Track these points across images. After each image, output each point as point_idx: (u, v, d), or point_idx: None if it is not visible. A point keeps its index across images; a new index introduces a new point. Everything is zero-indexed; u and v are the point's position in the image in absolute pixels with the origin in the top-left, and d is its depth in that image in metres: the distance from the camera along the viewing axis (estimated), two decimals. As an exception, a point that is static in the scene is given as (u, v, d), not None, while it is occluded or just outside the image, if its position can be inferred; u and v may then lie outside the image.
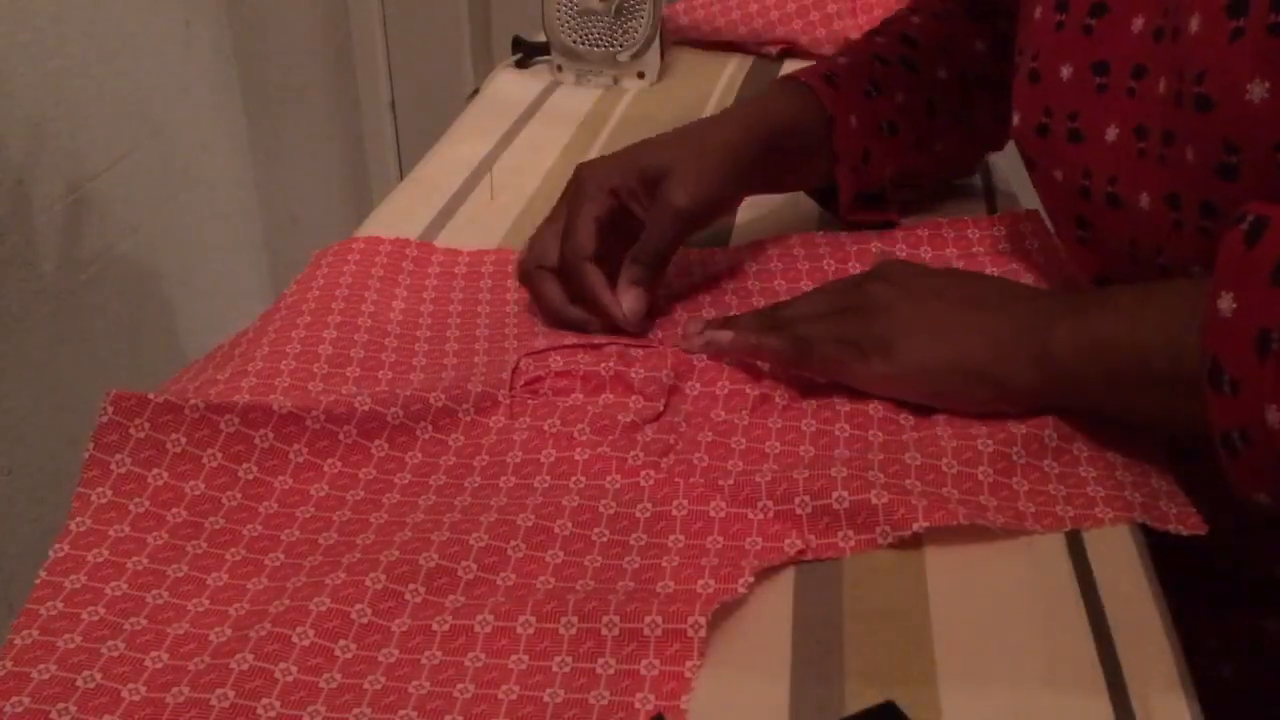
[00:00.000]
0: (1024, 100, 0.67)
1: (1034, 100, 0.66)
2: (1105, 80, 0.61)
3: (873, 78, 0.78)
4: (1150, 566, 0.51)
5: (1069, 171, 0.64)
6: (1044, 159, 0.66)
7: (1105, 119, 0.61)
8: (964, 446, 0.57)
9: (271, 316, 0.68)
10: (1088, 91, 0.62)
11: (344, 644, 0.48)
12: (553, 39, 1.12)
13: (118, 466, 0.54)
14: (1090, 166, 0.62)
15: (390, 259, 0.76)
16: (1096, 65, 0.61)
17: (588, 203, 0.68)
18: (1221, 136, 0.52)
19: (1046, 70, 0.65)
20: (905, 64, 0.80)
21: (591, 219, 0.67)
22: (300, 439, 0.57)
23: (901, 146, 0.79)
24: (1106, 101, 0.61)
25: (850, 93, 0.76)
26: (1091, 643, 0.47)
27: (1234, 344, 0.48)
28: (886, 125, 0.78)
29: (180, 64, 1.59)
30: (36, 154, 1.30)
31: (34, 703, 0.45)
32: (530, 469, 0.58)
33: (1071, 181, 0.63)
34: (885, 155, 0.78)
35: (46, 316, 1.33)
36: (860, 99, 0.76)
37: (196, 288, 1.64)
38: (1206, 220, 0.54)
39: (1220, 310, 0.49)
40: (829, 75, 0.76)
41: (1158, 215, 0.57)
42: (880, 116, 0.77)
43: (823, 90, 0.75)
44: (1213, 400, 0.49)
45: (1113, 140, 0.60)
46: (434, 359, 0.66)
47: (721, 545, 0.52)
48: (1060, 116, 0.64)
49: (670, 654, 0.46)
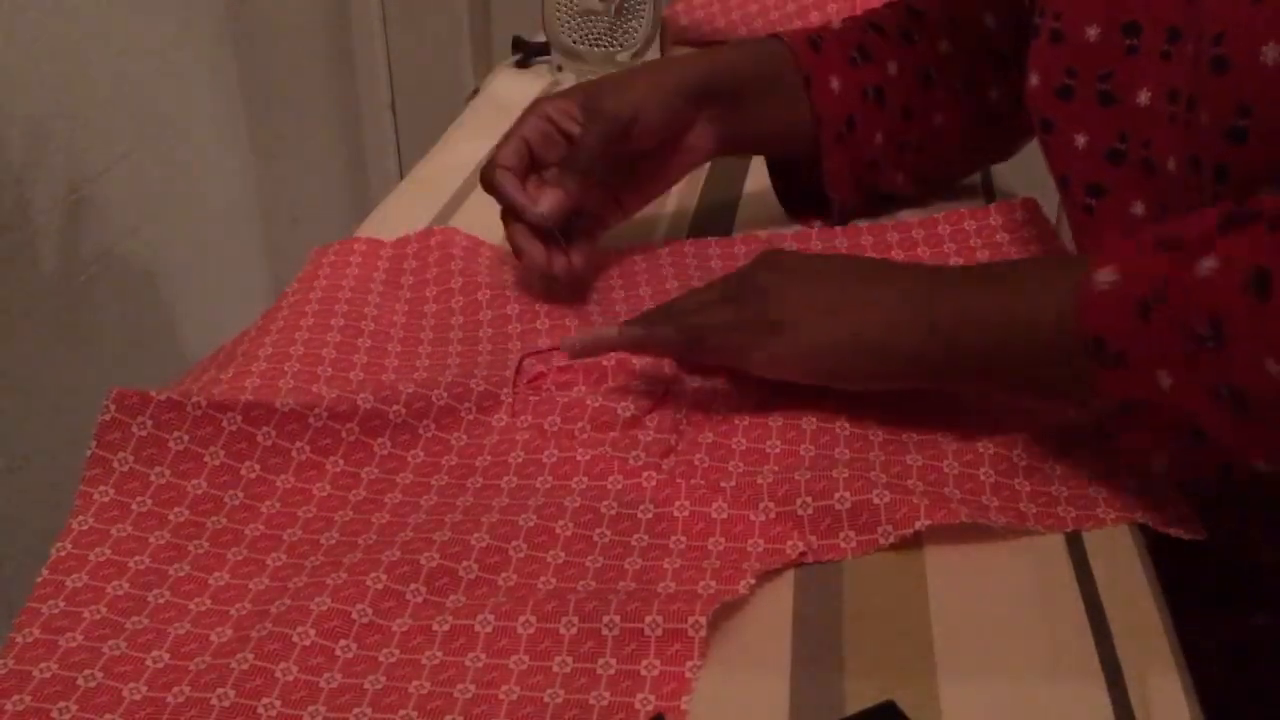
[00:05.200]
0: (1044, 61, 0.66)
1: (1055, 61, 0.65)
2: (1136, 42, 0.60)
3: (861, 45, 0.78)
4: (1150, 566, 0.51)
5: (1097, 135, 0.63)
6: (1065, 122, 0.65)
7: (1138, 81, 0.60)
8: (965, 448, 0.57)
9: (274, 316, 0.68)
10: (1117, 52, 0.61)
11: (345, 644, 0.48)
12: (553, 39, 1.12)
13: (120, 465, 0.54)
14: (1127, 130, 0.61)
15: (392, 261, 0.76)
16: (1127, 26, 0.60)
17: (522, 125, 0.72)
18: (1235, 99, 0.51)
19: (1070, 30, 0.63)
20: (902, 34, 0.80)
21: (519, 137, 0.71)
22: (303, 436, 0.57)
23: (890, 116, 0.78)
24: (1138, 64, 0.60)
25: (833, 56, 0.77)
26: (1091, 642, 0.47)
27: (1114, 316, 0.49)
28: (872, 91, 0.78)
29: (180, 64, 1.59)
30: (36, 154, 1.30)
31: (35, 701, 0.45)
32: (532, 469, 0.58)
33: (1097, 146, 0.63)
34: (872, 122, 0.78)
35: (46, 316, 1.33)
36: (844, 64, 0.77)
37: (196, 288, 1.64)
38: (1220, 185, 0.53)
39: (1097, 283, 0.50)
40: (813, 39, 0.77)
41: (1183, 179, 0.57)
42: (865, 83, 0.77)
43: (802, 50, 0.76)
44: (1101, 375, 0.50)
45: (1145, 104, 0.59)
46: (437, 359, 0.66)
47: (723, 547, 0.53)
48: (1088, 78, 0.63)
49: (671, 654, 0.46)
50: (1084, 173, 0.64)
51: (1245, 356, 0.46)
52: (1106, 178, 0.63)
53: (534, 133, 0.71)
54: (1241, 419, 0.47)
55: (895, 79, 0.78)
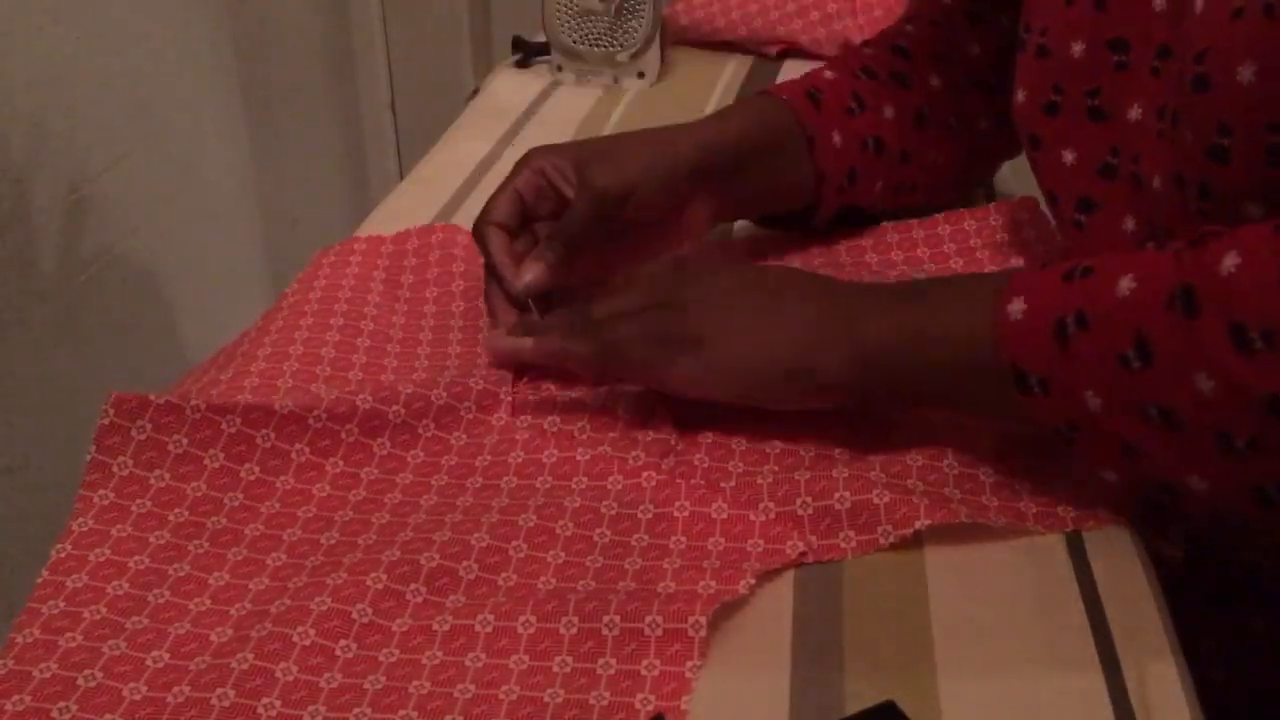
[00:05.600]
0: (1030, 76, 0.66)
1: (1042, 76, 0.64)
2: (1125, 58, 0.60)
3: (856, 93, 0.77)
4: (1150, 566, 0.52)
5: (1086, 150, 0.62)
6: (1052, 138, 0.65)
7: (1129, 97, 0.60)
8: (965, 448, 0.57)
9: (273, 316, 0.68)
10: (1105, 68, 0.61)
11: (345, 644, 0.48)
12: (553, 39, 1.12)
13: (120, 469, 0.54)
14: (1119, 144, 0.61)
15: (393, 260, 0.76)
16: (1114, 43, 0.60)
17: (515, 177, 0.69)
18: (1215, 118, 0.51)
19: (1056, 46, 0.63)
20: (895, 78, 0.79)
21: (512, 190, 0.68)
22: (302, 438, 0.57)
23: (889, 162, 0.78)
24: (1127, 80, 0.60)
25: (833, 110, 0.75)
26: (1091, 642, 0.47)
27: (1031, 344, 0.50)
28: (872, 142, 0.77)
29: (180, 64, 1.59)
30: (36, 154, 1.30)
31: (35, 701, 0.45)
32: (532, 469, 0.58)
33: (1087, 161, 0.62)
34: (872, 173, 0.77)
35: (46, 316, 1.33)
36: (843, 116, 0.76)
37: (196, 288, 1.64)
38: (1204, 202, 0.53)
39: (1010, 314, 0.50)
40: (812, 92, 0.75)
41: (1168, 196, 0.57)
42: (864, 133, 0.76)
43: (804, 108, 0.74)
44: (1028, 404, 0.50)
45: (1136, 119, 0.59)
46: (436, 359, 0.66)
47: (723, 547, 0.53)
48: (1075, 94, 0.62)
49: (671, 654, 0.47)
50: (1073, 188, 0.64)
51: (1173, 373, 0.46)
52: (1097, 192, 0.62)
53: (527, 187, 0.69)
54: (1173, 437, 0.47)
55: (892, 124, 0.77)
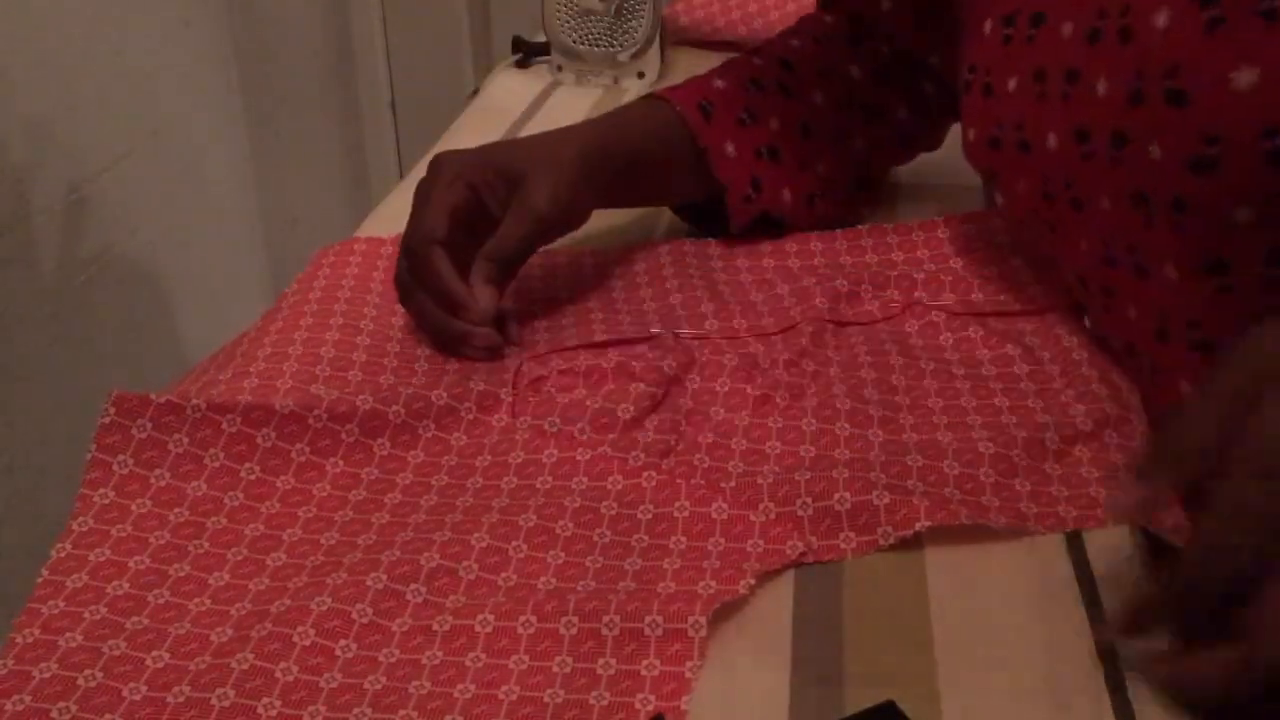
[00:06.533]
0: (976, 116, 0.67)
1: (986, 114, 0.66)
2: (1043, 88, 0.61)
3: (747, 105, 0.77)
4: (1150, 566, 0.51)
5: (1029, 180, 0.64)
6: (1003, 171, 0.66)
7: (1046, 126, 0.61)
8: (965, 448, 0.57)
9: (273, 316, 0.68)
10: (1029, 100, 0.62)
11: (345, 644, 0.48)
12: (553, 39, 1.12)
13: (120, 467, 0.54)
14: (1045, 173, 0.62)
15: (392, 261, 0.76)
16: (1037, 73, 0.61)
17: (444, 190, 0.66)
18: (1197, 130, 0.51)
19: (997, 84, 0.65)
20: (781, 88, 0.80)
21: (445, 205, 0.66)
22: (302, 438, 0.58)
23: (789, 170, 0.78)
24: (1045, 109, 0.61)
25: (724, 121, 0.76)
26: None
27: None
28: (766, 150, 0.77)
29: (180, 64, 1.59)
30: (36, 154, 1.30)
31: (35, 701, 0.45)
32: (532, 469, 0.58)
33: (1034, 188, 0.63)
34: (775, 180, 0.78)
35: (46, 316, 1.33)
36: (735, 127, 0.76)
37: (196, 288, 1.64)
38: (1180, 215, 0.54)
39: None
40: (704, 104, 0.76)
41: (1123, 216, 0.57)
42: (757, 143, 0.77)
43: (695, 120, 0.75)
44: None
45: (1054, 147, 0.60)
46: (436, 362, 0.66)
47: (723, 547, 0.53)
48: (1009, 128, 0.64)
49: (671, 654, 0.47)
50: (1033, 216, 0.65)
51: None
52: (1052, 217, 0.63)
53: (462, 203, 0.66)
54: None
55: (779, 134, 0.78)
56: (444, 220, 0.65)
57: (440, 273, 0.65)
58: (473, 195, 0.67)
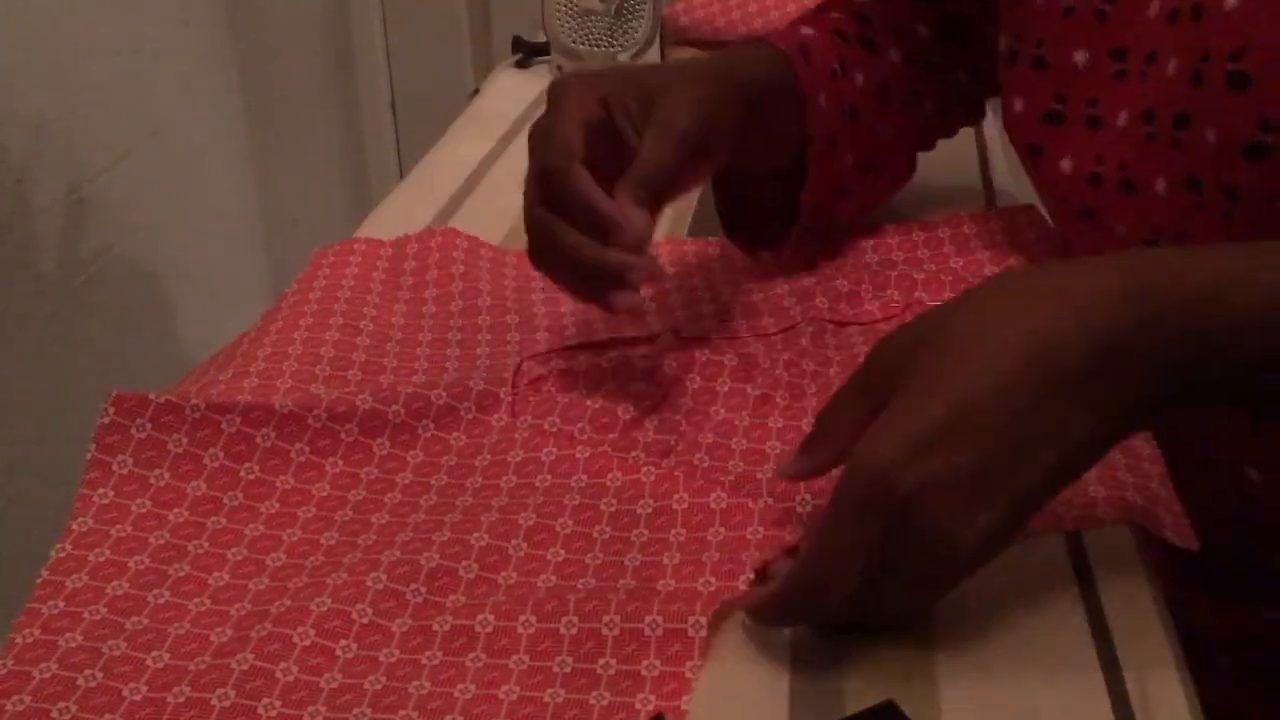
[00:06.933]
0: (1026, 87, 0.65)
1: (1040, 86, 0.64)
2: (1124, 66, 0.60)
3: (839, 55, 0.73)
4: (1150, 566, 0.51)
5: (1080, 159, 0.62)
6: (1053, 147, 0.64)
7: (1119, 104, 0.60)
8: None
9: (273, 316, 0.68)
10: (1104, 78, 0.61)
11: (345, 644, 0.48)
12: (553, 39, 1.12)
13: (119, 468, 0.54)
14: (1102, 153, 0.61)
15: (392, 262, 0.76)
16: (1115, 51, 0.60)
17: (574, 107, 0.58)
18: (1257, 113, 0.51)
19: (1056, 56, 0.63)
20: (863, 42, 0.75)
21: (578, 120, 0.58)
22: (302, 438, 0.57)
23: (860, 134, 0.74)
24: (1122, 87, 0.60)
25: (820, 69, 0.71)
26: (1091, 642, 0.47)
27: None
28: (850, 109, 0.73)
29: (180, 64, 1.59)
30: (36, 154, 1.30)
31: (35, 701, 0.45)
32: (531, 468, 0.58)
33: (1081, 170, 0.62)
34: (846, 143, 0.73)
35: (46, 316, 1.33)
36: (828, 77, 0.71)
37: (196, 288, 1.64)
38: (1230, 204, 0.53)
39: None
40: (803, 46, 0.71)
41: (1176, 199, 0.56)
42: (845, 99, 0.72)
43: (799, 64, 0.70)
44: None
45: (1123, 125, 0.59)
46: (435, 362, 0.66)
47: (723, 537, 0.53)
48: (1078, 103, 0.62)
49: (671, 654, 0.46)
50: (1073, 198, 0.64)
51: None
52: (1090, 199, 0.62)
53: (595, 119, 0.58)
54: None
55: (862, 91, 0.74)
56: (580, 134, 0.57)
57: (586, 191, 0.56)
58: (605, 113, 0.59)
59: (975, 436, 0.42)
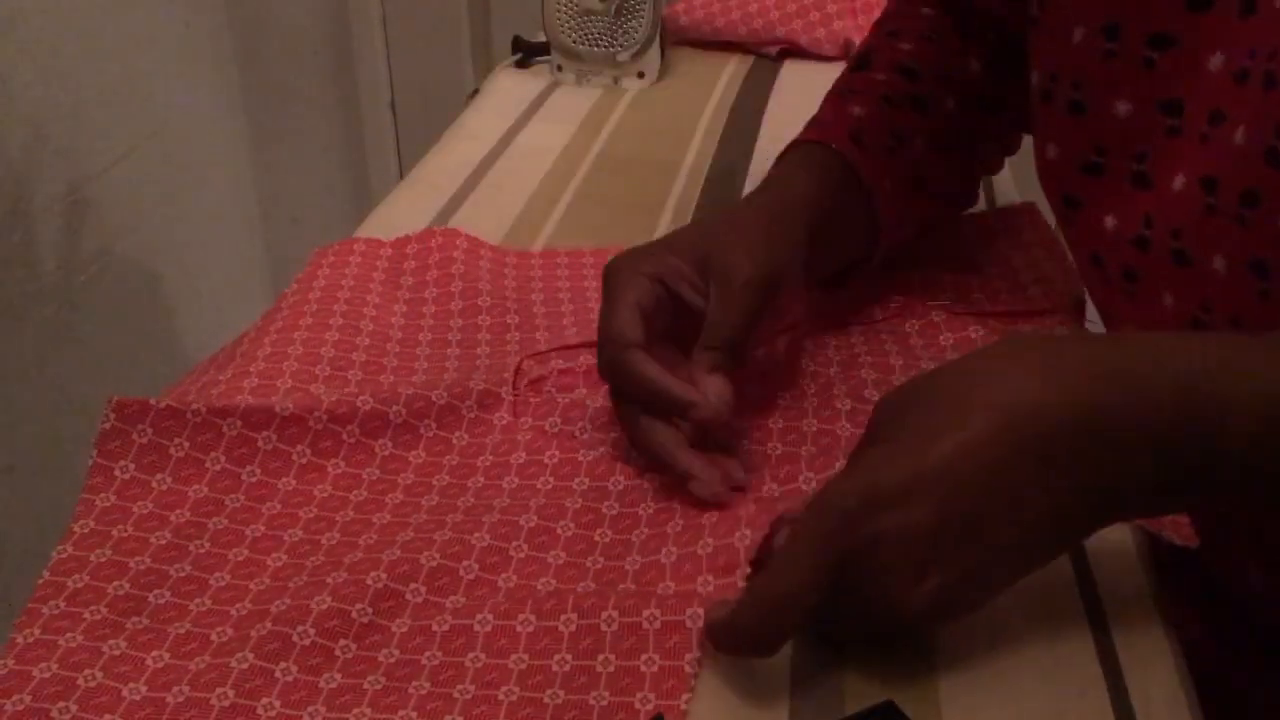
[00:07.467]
0: (1061, 133, 0.60)
1: (1076, 135, 0.59)
2: (1177, 123, 0.54)
3: (892, 128, 0.69)
4: (1150, 566, 0.52)
5: (1125, 219, 0.57)
6: (1094, 201, 0.59)
7: (1174, 165, 0.54)
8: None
9: (273, 316, 0.68)
10: (1154, 132, 0.55)
11: (344, 644, 0.48)
12: (553, 39, 1.12)
13: (121, 473, 0.54)
14: (1152, 214, 0.55)
15: (392, 262, 0.76)
16: (1166, 105, 0.54)
17: (624, 291, 0.57)
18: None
19: (1095, 103, 0.57)
20: (914, 103, 0.71)
21: (631, 305, 0.56)
22: (303, 440, 0.58)
23: (925, 198, 0.71)
24: (1178, 146, 0.54)
25: (876, 149, 0.68)
26: (1091, 643, 0.47)
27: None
28: (913, 181, 0.70)
29: (180, 64, 1.59)
30: (36, 154, 1.30)
31: (35, 701, 0.45)
32: (534, 469, 0.58)
33: (1126, 231, 0.57)
34: (915, 213, 0.71)
35: (46, 316, 1.33)
36: (886, 157, 0.68)
37: (196, 288, 1.64)
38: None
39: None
40: (855, 133, 0.67)
41: (1237, 281, 0.51)
42: (907, 173, 0.69)
43: (856, 156, 0.66)
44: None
45: (1179, 189, 0.53)
46: (435, 362, 0.66)
47: (716, 520, 0.53)
48: (1123, 156, 0.57)
49: (669, 647, 0.47)
50: (1116, 255, 0.58)
51: None
52: (1135, 263, 0.57)
53: (647, 298, 0.57)
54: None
55: (921, 158, 0.70)
56: (634, 318, 0.56)
57: (650, 377, 0.55)
58: (660, 288, 0.58)
59: (936, 499, 0.43)
